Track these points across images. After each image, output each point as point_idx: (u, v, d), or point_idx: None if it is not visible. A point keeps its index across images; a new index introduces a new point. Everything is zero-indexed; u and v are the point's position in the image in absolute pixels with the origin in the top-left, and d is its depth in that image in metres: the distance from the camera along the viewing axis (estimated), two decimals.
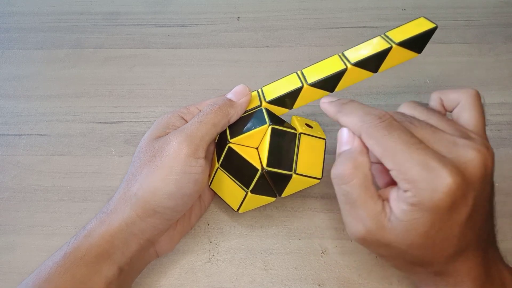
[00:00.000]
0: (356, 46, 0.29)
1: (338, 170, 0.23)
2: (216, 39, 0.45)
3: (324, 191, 0.35)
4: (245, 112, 0.31)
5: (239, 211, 0.31)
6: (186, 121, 0.30)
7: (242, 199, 0.30)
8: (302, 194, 0.35)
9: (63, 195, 0.36)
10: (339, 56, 0.29)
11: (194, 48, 0.44)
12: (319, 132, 0.31)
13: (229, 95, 0.30)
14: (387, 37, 0.28)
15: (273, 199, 0.31)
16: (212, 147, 0.33)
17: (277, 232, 0.34)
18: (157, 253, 0.30)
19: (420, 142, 0.22)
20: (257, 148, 0.29)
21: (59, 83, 0.42)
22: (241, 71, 0.43)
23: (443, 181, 0.20)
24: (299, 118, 0.32)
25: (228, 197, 0.31)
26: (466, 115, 0.25)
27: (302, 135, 0.29)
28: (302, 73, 0.30)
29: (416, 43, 0.28)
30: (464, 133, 0.23)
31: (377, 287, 0.31)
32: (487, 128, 0.38)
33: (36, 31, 0.46)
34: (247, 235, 0.33)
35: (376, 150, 0.22)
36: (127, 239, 0.27)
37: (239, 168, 0.29)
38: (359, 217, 0.23)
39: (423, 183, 0.20)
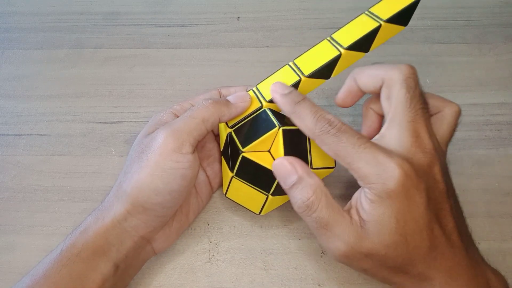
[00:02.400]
0: (344, 27, 0.29)
1: (302, 201, 0.24)
2: (216, 39, 0.45)
3: None
4: (248, 116, 0.30)
5: (261, 214, 0.31)
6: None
7: (263, 203, 0.30)
8: None
9: (63, 195, 0.36)
10: (329, 40, 0.29)
11: (194, 48, 0.44)
12: None
13: (229, 97, 0.30)
14: (373, 14, 0.28)
15: None
16: (211, 146, 0.33)
17: (277, 232, 0.34)
18: (154, 251, 0.30)
19: (368, 141, 0.23)
20: (269, 151, 0.29)
21: (59, 83, 0.42)
22: (241, 71, 0.43)
23: (391, 173, 0.22)
24: None
25: (247, 203, 0.31)
26: (443, 127, 0.26)
27: None
28: (295, 64, 0.30)
29: (403, 17, 0.28)
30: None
31: (377, 287, 0.31)
32: (487, 127, 0.38)
33: (36, 31, 0.46)
34: (247, 235, 0.33)
35: (330, 154, 0.24)
36: (121, 236, 0.27)
37: (257, 175, 0.29)
38: (336, 236, 0.23)
39: (374, 177, 0.22)
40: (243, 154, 0.28)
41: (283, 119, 0.29)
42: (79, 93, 0.42)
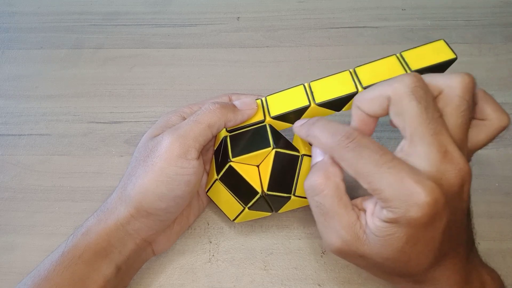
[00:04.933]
0: (370, 63, 0.27)
1: (310, 181, 0.23)
2: (216, 39, 0.45)
3: None
4: (248, 125, 0.30)
5: (235, 221, 0.31)
6: None
7: (239, 212, 0.30)
8: None
9: (63, 195, 0.36)
10: (351, 73, 0.28)
11: (194, 48, 0.44)
12: None
13: (235, 102, 0.30)
14: (403, 59, 0.26)
15: (269, 213, 0.31)
16: (209, 145, 0.33)
17: (277, 232, 0.34)
18: (154, 252, 0.30)
19: (393, 158, 0.21)
20: (258, 166, 0.29)
21: (59, 83, 0.42)
22: (241, 71, 0.43)
23: (417, 199, 0.19)
24: None
25: (225, 207, 0.31)
26: (479, 137, 0.24)
27: (304, 156, 0.29)
28: (310, 88, 0.29)
29: (433, 72, 0.25)
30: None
31: (377, 287, 0.31)
32: None
33: (36, 31, 0.46)
34: (247, 235, 0.33)
35: (349, 171, 0.22)
36: (124, 238, 0.27)
37: (238, 186, 0.29)
38: (333, 228, 0.23)
39: (397, 201, 0.20)
40: (231, 163, 0.28)
41: (280, 141, 0.29)
42: (79, 93, 0.42)
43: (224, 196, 0.30)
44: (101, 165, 0.37)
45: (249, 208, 0.29)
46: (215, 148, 0.32)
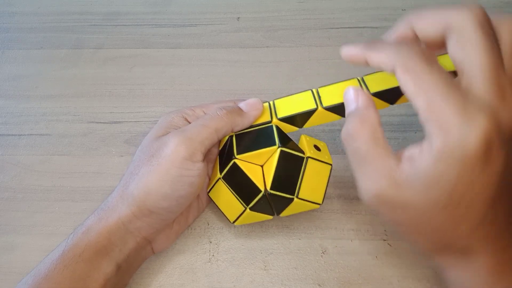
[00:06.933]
0: (378, 73, 0.28)
1: (346, 129, 0.23)
2: (216, 39, 0.45)
3: None
4: (254, 126, 0.30)
5: (235, 224, 0.31)
6: (189, 123, 0.30)
7: (239, 214, 0.30)
8: None
9: (63, 195, 0.36)
10: (359, 81, 0.28)
11: (194, 48, 0.44)
12: (326, 156, 0.30)
13: (241, 105, 0.30)
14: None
15: (270, 217, 0.30)
16: (216, 150, 0.33)
17: (277, 232, 0.34)
18: (153, 251, 0.30)
19: (459, 84, 0.19)
20: (262, 166, 0.29)
21: (59, 83, 0.42)
22: (241, 71, 0.43)
23: (478, 128, 0.18)
24: (308, 138, 0.31)
25: (225, 208, 0.31)
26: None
27: (309, 159, 0.29)
28: (318, 93, 0.29)
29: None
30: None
31: (377, 287, 0.31)
32: None
33: (36, 31, 0.46)
34: (247, 235, 0.33)
35: (410, 86, 0.20)
36: (124, 237, 0.27)
37: (241, 185, 0.29)
38: (369, 174, 0.21)
39: (457, 127, 0.18)
40: (235, 160, 0.28)
41: (286, 141, 0.29)
42: (79, 93, 0.42)
43: (225, 196, 0.30)
44: (101, 165, 0.37)
45: (250, 208, 0.29)
46: (219, 149, 0.32)
